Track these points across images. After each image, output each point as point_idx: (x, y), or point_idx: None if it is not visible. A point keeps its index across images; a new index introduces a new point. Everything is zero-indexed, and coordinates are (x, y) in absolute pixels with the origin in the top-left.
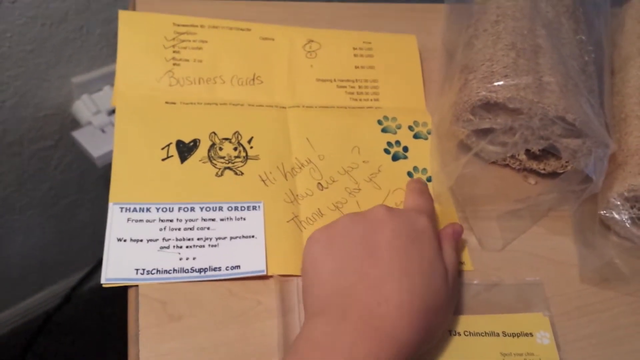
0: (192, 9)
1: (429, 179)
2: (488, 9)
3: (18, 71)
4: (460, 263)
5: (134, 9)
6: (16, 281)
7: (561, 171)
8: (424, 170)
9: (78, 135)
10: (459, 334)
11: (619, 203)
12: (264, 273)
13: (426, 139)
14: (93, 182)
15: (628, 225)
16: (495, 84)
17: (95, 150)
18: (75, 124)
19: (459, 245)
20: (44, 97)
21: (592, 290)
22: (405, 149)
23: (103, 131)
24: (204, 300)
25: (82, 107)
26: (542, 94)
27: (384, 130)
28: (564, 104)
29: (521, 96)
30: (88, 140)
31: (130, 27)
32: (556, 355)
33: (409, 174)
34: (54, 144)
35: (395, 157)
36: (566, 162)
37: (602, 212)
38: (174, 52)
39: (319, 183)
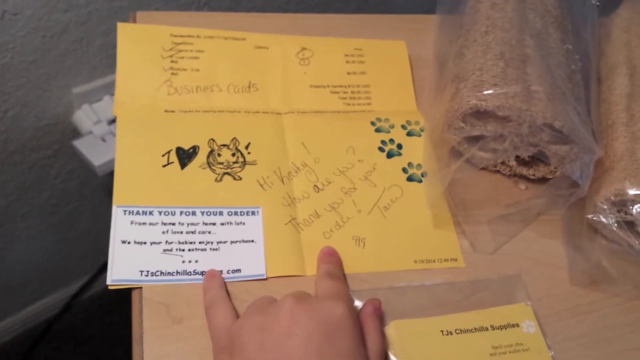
0: (190, 21)
1: (424, 175)
2: (478, 20)
3: (20, 82)
4: (451, 260)
5: (134, 21)
6: (17, 289)
7: (550, 177)
8: (419, 165)
9: (79, 144)
10: (451, 333)
11: (605, 207)
12: (264, 277)
13: (419, 135)
14: (93, 190)
15: (615, 229)
16: (485, 92)
17: (96, 159)
18: (76, 133)
19: (382, 321)
20: (45, 107)
21: (581, 292)
22: (400, 146)
23: (104, 140)
24: None
25: (83, 117)
26: (530, 102)
27: (377, 130)
28: (552, 111)
29: (510, 104)
30: (89, 149)
31: (128, 39)
32: (543, 343)
33: (404, 169)
34: (54, 153)
35: (389, 155)
36: (555, 167)
37: (589, 216)
38: (171, 62)
39: (315, 185)
